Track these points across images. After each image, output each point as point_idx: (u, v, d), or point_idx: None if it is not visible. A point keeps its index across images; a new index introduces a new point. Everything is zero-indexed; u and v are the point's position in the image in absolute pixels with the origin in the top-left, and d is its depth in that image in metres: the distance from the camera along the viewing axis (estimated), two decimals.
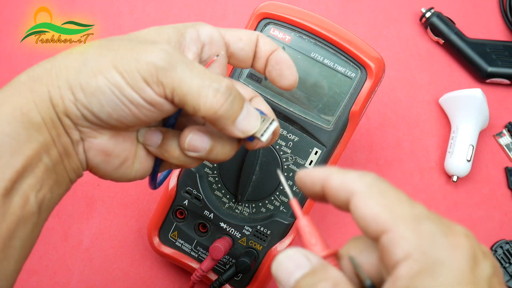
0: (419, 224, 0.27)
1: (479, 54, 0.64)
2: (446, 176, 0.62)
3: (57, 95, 0.32)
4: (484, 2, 0.68)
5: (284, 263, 0.29)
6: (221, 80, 0.33)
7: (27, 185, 0.31)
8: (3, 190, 0.30)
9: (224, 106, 0.32)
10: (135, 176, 0.37)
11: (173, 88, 0.32)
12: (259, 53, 0.38)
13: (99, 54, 0.32)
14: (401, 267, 0.26)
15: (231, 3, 0.67)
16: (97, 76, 0.31)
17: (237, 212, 0.51)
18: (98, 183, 0.61)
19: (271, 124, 0.35)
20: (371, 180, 0.29)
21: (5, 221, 0.30)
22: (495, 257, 0.59)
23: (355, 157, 0.62)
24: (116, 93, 0.32)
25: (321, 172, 0.30)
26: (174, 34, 0.35)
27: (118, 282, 0.58)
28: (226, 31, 0.38)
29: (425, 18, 0.65)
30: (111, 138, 0.34)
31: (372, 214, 0.28)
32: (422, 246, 0.26)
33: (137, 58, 0.32)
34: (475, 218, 0.61)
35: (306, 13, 0.49)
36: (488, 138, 0.63)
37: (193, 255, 0.53)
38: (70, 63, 0.32)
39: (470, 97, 0.60)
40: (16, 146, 0.31)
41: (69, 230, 0.59)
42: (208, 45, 0.36)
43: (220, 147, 0.36)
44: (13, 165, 0.31)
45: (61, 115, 0.32)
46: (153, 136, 0.36)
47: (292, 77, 0.38)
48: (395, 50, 0.66)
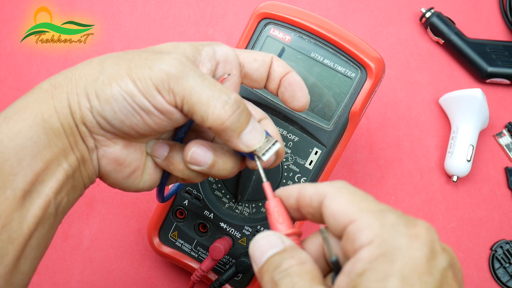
0: (384, 215, 0.29)
1: (479, 54, 0.64)
2: (446, 176, 0.62)
3: (75, 102, 0.33)
4: (484, 2, 0.68)
5: (259, 242, 0.32)
6: (230, 93, 0.33)
7: (48, 188, 0.33)
8: (23, 191, 0.32)
9: (231, 118, 0.33)
10: (143, 186, 0.38)
11: (183, 96, 0.33)
12: (272, 74, 0.39)
13: (115, 63, 0.33)
14: (363, 251, 0.28)
15: (231, 3, 0.67)
16: (111, 83, 0.33)
17: (237, 212, 0.51)
18: (98, 183, 0.61)
19: (274, 145, 0.36)
20: (341, 184, 0.32)
21: (25, 221, 0.32)
22: (495, 257, 0.59)
23: (355, 157, 0.62)
24: (128, 100, 0.33)
25: (295, 186, 0.34)
26: (190, 49, 0.36)
27: (118, 282, 0.58)
28: (241, 52, 0.39)
29: (425, 18, 0.65)
30: (123, 148, 0.35)
31: (341, 208, 0.30)
32: (384, 234, 0.28)
33: (150, 66, 0.33)
34: (475, 218, 0.61)
35: (306, 13, 0.49)
36: (488, 138, 0.63)
37: (193, 255, 0.53)
38: (89, 71, 0.34)
39: (470, 97, 0.60)
40: (37, 150, 0.32)
41: (69, 230, 0.59)
42: (222, 64, 0.37)
43: (222, 163, 0.37)
44: (33, 168, 0.32)
45: (78, 122, 0.33)
46: (160, 148, 0.37)
47: (304, 99, 0.40)
48: (395, 50, 0.66)
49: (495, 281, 0.59)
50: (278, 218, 0.34)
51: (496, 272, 0.59)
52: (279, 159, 0.38)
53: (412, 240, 0.28)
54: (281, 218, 0.33)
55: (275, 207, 0.34)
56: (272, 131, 0.39)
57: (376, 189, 0.61)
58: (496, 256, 0.59)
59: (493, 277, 0.59)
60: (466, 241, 0.60)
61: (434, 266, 0.28)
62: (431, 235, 0.29)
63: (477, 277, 0.59)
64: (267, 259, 0.31)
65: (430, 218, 0.61)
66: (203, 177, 0.38)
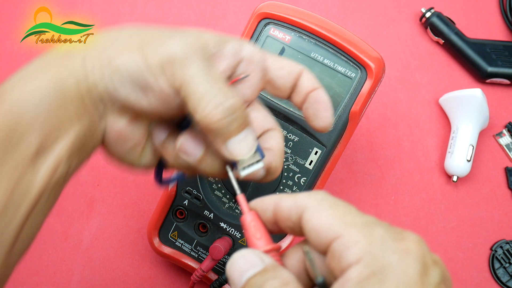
0: (371, 230, 0.27)
1: (479, 54, 0.64)
2: (446, 176, 0.62)
3: (89, 67, 0.33)
4: (484, 2, 0.68)
5: (237, 262, 0.30)
6: (230, 97, 0.32)
7: (60, 147, 0.33)
8: (36, 148, 0.32)
9: (219, 122, 0.32)
10: (141, 164, 0.37)
11: (182, 83, 0.32)
12: (300, 87, 0.37)
13: (131, 34, 0.33)
14: (351, 270, 0.26)
15: (231, 3, 0.67)
16: (123, 54, 0.32)
17: (237, 212, 0.51)
18: (98, 183, 0.61)
19: (256, 164, 0.34)
20: (321, 196, 0.30)
21: (37, 178, 0.32)
22: (495, 257, 0.59)
23: (355, 157, 0.62)
24: (134, 73, 0.32)
25: (271, 198, 0.32)
26: (214, 40, 0.34)
27: (118, 282, 0.58)
28: (270, 56, 0.37)
29: (425, 18, 0.65)
30: (128, 122, 0.35)
31: (324, 224, 0.28)
32: (373, 251, 0.26)
33: (160, 44, 0.32)
34: (475, 218, 0.61)
35: (306, 13, 0.49)
36: (488, 138, 0.63)
37: (193, 255, 0.53)
38: (106, 38, 0.34)
39: (470, 97, 0.60)
40: (52, 109, 0.32)
41: (69, 230, 0.59)
42: (245, 62, 0.36)
43: (210, 160, 0.35)
44: (48, 126, 0.32)
45: (90, 88, 0.33)
46: (159, 131, 0.36)
47: (327, 120, 0.37)
48: (395, 50, 0.66)
49: (495, 281, 0.59)
50: (256, 234, 0.31)
51: (496, 272, 0.59)
52: (270, 176, 0.36)
53: (403, 256, 0.26)
54: (259, 233, 0.31)
55: (251, 221, 0.32)
56: (276, 144, 0.37)
57: (376, 189, 0.61)
58: (496, 256, 0.59)
59: (493, 277, 0.59)
60: (466, 241, 0.60)
61: (427, 282, 0.26)
62: (421, 248, 0.27)
63: (477, 277, 0.59)
64: (246, 280, 0.29)
65: (430, 218, 0.61)
66: (191, 172, 0.37)
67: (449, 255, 0.60)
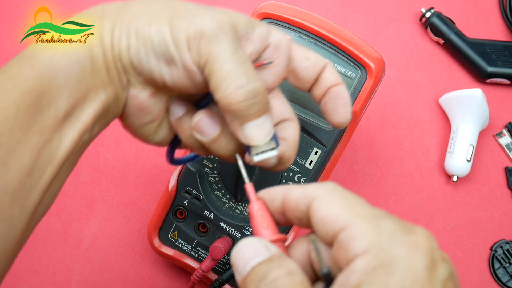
0: (380, 222, 0.27)
1: (479, 54, 0.64)
2: (446, 176, 0.62)
3: (117, 36, 0.33)
4: (484, 2, 0.68)
5: (243, 249, 0.29)
6: (254, 80, 0.31)
7: (86, 114, 0.33)
8: (64, 113, 0.32)
9: (240, 104, 0.31)
10: (154, 139, 0.37)
11: (207, 60, 0.31)
12: (321, 80, 0.36)
13: (162, 7, 0.33)
14: (358, 261, 0.26)
15: (231, 3, 0.67)
16: (151, 25, 0.32)
17: (237, 212, 0.51)
18: (98, 183, 0.61)
19: (270, 151, 0.34)
20: (331, 186, 0.29)
21: (63, 142, 0.32)
22: (495, 257, 0.59)
23: (355, 157, 0.62)
24: (161, 46, 0.32)
25: (280, 188, 0.31)
26: (245, 22, 0.34)
27: (118, 282, 0.58)
28: (296, 46, 0.36)
29: (425, 18, 0.65)
30: (150, 96, 0.34)
31: (332, 213, 0.28)
32: (381, 243, 0.26)
33: (190, 19, 0.32)
34: (475, 218, 0.61)
35: (306, 13, 0.49)
36: (488, 138, 0.63)
37: (193, 255, 0.53)
38: (137, 8, 0.33)
39: (470, 97, 0.60)
40: (81, 75, 0.32)
41: (69, 230, 0.59)
42: (272, 48, 0.35)
43: (224, 142, 0.35)
44: (76, 91, 0.32)
45: (116, 58, 0.33)
46: (177, 107, 0.36)
47: (345, 116, 0.37)
48: (395, 50, 0.66)
49: (495, 281, 0.59)
50: (263, 223, 0.31)
51: (496, 272, 0.59)
52: (282, 166, 0.36)
53: (412, 249, 0.26)
54: (265, 222, 0.31)
55: (258, 210, 0.31)
56: (291, 135, 0.36)
57: (376, 189, 0.61)
58: (496, 256, 0.59)
59: (493, 277, 0.59)
60: (466, 241, 0.60)
61: (435, 278, 0.26)
62: (430, 243, 0.27)
63: (477, 277, 0.59)
64: (251, 268, 0.29)
65: (430, 218, 0.61)
66: (205, 152, 0.37)
67: (449, 255, 0.59)
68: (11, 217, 0.31)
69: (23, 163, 0.31)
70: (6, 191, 0.30)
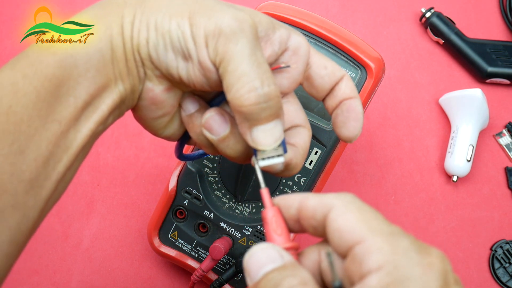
0: (396, 239, 0.27)
1: (479, 54, 0.64)
2: (446, 176, 0.62)
3: (137, 28, 0.32)
4: (484, 2, 0.68)
5: (257, 254, 0.29)
6: (268, 84, 0.31)
7: (104, 105, 0.33)
8: (83, 103, 0.32)
9: (250, 107, 0.31)
10: (164, 133, 0.37)
11: (223, 59, 0.31)
12: (337, 91, 0.36)
13: (183, 2, 0.33)
14: (372, 277, 0.26)
15: (231, 2, 0.67)
16: (171, 19, 0.32)
17: (237, 212, 0.51)
18: (98, 183, 0.61)
19: (277, 158, 0.33)
20: (349, 198, 0.29)
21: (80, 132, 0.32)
22: (495, 257, 0.59)
23: (355, 157, 0.62)
24: (180, 41, 0.32)
25: (297, 196, 0.31)
26: (266, 23, 0.33)
27: (118, 282, 0.58)
28: (316, 52, 0.36)
29: (425, 18, 0.65)
30: (165, 90, 0.34)
31: (349, 225, 0.28)
32: (396, 261, 0.26)
33: (210, 16, 0.31)
34: (475, 218, 0.61)
35: (306, 13, 0.49)
36: (488, 138, 0.63)
37: (193, 255, 0.53)
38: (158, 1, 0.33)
39: (470, 97, 0.60)
40: (102, 64, 0.32)
41: (69, 230, 0.59)
42: (291, 52, 0.34)
43: (233, 143, 0.34)
44: (96, 81, 0.32)
45: (135, 50, 0.33)
46: (190, 103, 0.36)
47: (354, 131, 0.36)
48: (395, 50, 0.66)
49: (495, 281, 0.59)
50: (277, 229, 0.31)
51: (496, 272, 0.59)
52: (288, 172, 0.35)
53: (426, 270, 0.26)
54: (280, 229, 0.31)
55: (273, 216, 0.31)
56: (301, 142, 0.35)
57: (376, 189, 0.61)
58: (496, 256, 0.59)
59: (493, 277, 0.59)
60: (466, 241, 0.60)
61: None
62: (445, 265, 0.27)
63: (477, 277, 0.59)
64: (264, 274, 0.28)
65: (430, 218, 0.61)
66: (213, 150, 0.36)
67: (449, 255, 0.60)
68: (25, 206, 0.30)
69: (40, 152, 0.30)
70: (23, 179, 0.30)
